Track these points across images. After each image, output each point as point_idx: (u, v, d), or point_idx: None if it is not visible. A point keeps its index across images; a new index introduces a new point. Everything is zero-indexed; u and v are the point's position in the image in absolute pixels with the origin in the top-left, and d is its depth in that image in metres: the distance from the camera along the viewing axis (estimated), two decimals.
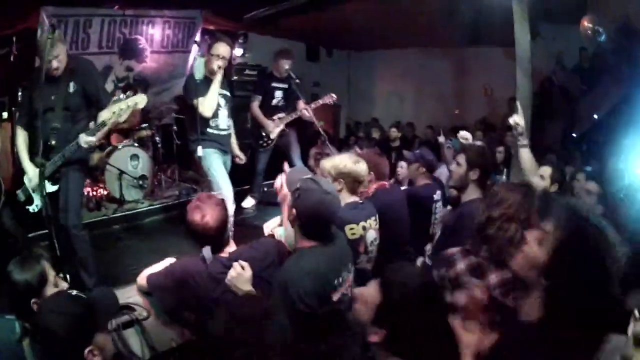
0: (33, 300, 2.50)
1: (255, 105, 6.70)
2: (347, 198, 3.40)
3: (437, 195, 4.86)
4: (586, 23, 6.67)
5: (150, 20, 8.31)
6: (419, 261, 4.01)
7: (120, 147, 7.04)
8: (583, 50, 7.77)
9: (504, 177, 5.85)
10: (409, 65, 10.11)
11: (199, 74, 4.83)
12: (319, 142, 8.41)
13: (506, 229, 2.37)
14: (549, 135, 7.98)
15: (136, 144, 7.31)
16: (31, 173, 4.19)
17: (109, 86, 8.00)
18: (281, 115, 6.70)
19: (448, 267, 2.50)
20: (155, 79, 8.60)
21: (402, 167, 5.94)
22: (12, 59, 6.86)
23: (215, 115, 5.19)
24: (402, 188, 5.16)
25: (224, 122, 5.34)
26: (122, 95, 4.02)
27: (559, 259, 1.64)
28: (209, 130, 5.15)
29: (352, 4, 7.38)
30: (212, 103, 5.06)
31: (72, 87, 4.16)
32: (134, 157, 7.11)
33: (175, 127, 7.92)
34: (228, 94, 5.44)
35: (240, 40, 9.64)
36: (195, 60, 4.76)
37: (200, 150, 4.92)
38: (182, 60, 8.87)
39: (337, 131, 11.06)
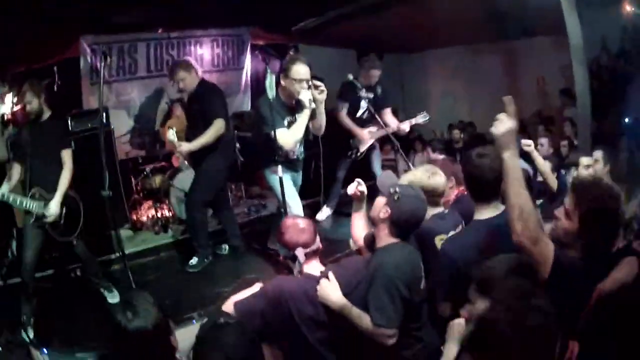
0: None
1: (344, 114, 6.44)
2: (429, 211, 3.27)
3: None
4: (627, 5, 6.43)
5: (197, 41, 8.29)
6: None
7: (183, 168, 6.87)
8: (626, 33, 7.52)
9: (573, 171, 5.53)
10: (459, 63, 9.88)
11: (271, 92, 4.53)
12: (387, 149, 8.47)
13: None
14: (610, 121, 7.71)
15: None
16: None
17: (163, 107, 8.07)
18: (373, 129, 6.47)
19: None
20: None
21: None
22: (55, 88, 6.93)
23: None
24: None
25: (299, 149, 5.16)
26: None
27: (584, 224, 2.31)
28: (277, 158, 4.65)
29: (398, 7, 7.21)
30: (297, 137, 4.83)
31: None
32: None
33: (238, 145, 7.73)
34: None
35: (291, 53, 9.44)
36: (266, 78, 4.50)
37: (278, 171, 4.61)
38: (236, 78, 8.82)
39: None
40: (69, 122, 6.35)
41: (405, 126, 6.24)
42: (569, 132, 7.17)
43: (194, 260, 5.71)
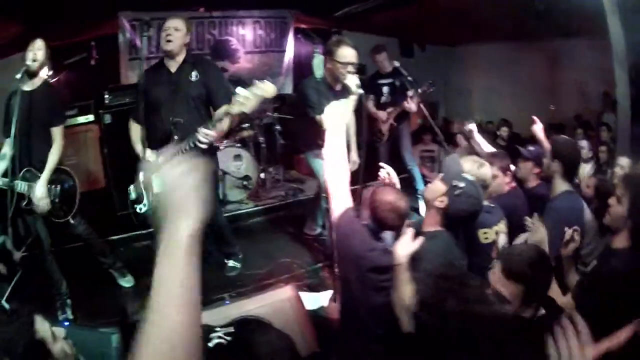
0: None
1: (370, 104, 6.42)
2: None
3: None
4: None
5: (239, 21, 8.25)
6: None
7: (222, 147, 6.75)
8: None
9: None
10: (501, 59, 9.68)
11: (319, 72, 4.43)
12: (427, 140, 8.31)
13: None
14: None
15: (238, 144, 7.03)
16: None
17: None
18: (390, 109, 6.49)
19: None
20: (250, 79, 8.33)
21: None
22: (92, 63, 6.96)
23: None
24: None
25: None
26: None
27: (633, 208, 2.67)
28: (320, 142, 4.53)
29: None
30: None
31: (193, 77, 4.17)
32: (237, 157, 6.83)
33: (278, 127, 7.65)
34: None
35: (334, 39, 9.29)
36: (314, 57, 4.40)
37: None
38: (278, 60, 8.72)
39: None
40: (107, 95, 6.42)
41: (412, 105, 6.15)
42: (605, 138, 6.99)
43: (233, 263, 5.28)
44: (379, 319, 2.69)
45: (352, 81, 4.17)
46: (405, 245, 2.59)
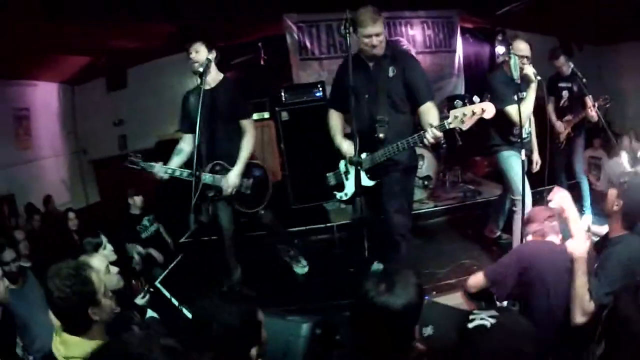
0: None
1: (550, 107, 6.13)
2: None
3: None
4: None
5: (407, 22, 8.25)
6: None
7: None
8: None
9: None
10: None
11: (516, 74, 4.20)
12: (596, 145, 7.80)
13: None
14: None
15: (420, 144, 6.78)
16: (347, 150, 4.09)
17: None
18: (569, 117, 6.08)
19: None
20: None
21: None
22: (262, 62, 7.32)
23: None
24: None
25: (526, 128, 4.86)
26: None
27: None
28: (511, 137, 4.77)
29: None
30: (528, 112, 4.65)
31: (390, 72, 3.99)
32: (420, 156, 6.57)
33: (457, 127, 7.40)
34: None
35: (499, 37, 9.10)
36: (510, 58, 4.36)
37: (511, 154, 4.74)
38: (449, 60, 8.58)
39: None
40: (282, 94, 6.68)
41: (593, 112, 5.72)
42: None
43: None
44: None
45: (530, 70, 4.46)
46: (579, 243, 2.77)
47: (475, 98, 3.66)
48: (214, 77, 4.34)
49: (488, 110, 3.53)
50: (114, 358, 0.86)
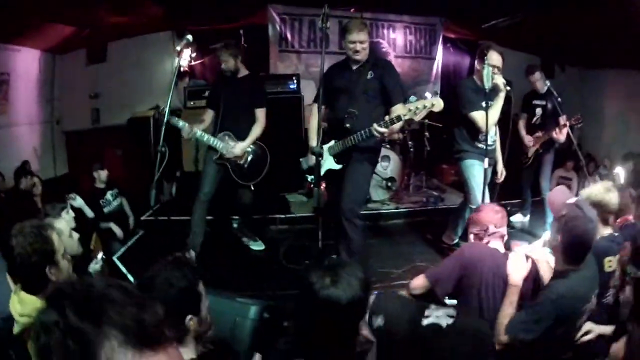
0: None
1: (521, 123, 6.40)
2: (600, 230, 3.29)
3: None
4: None
5: (390, 25, 8.31)
6: None
7: None
8: None
9: None
10: (635, 87, 8.92)
11: (487, 84, 4.50)
12: (568, 166, 7.95)
13: None
14: None
15: (387, 145, 6.99)
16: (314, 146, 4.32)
17: None
18: (538, 134, 6.25)
19: None
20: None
21: None
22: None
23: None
24: None
25: (492, 136, 5.06)
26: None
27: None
28: (477, 143, 4.96)
29: (593, 17, 6.67)
30: (494, 119, 4.82)
31: (369, 75, 4.32)
32: (385, 158, 6.88)
33: (427, 134, 7.56)
34: None
35: (485, 43, 9.14)
36: (484, 68, 4.52)
37: (473, 162, 4.90)
38: (427, 67, 8.69)
39: None
40: None
41: (559, 135, 5.94)
42: None
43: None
44: None
45: (500, 80, 4.66)
46: (519, 268, 2.86)
47: (427, 94, 3.88)
48: (242, 71, 5.18)
49: (437, 104, 3.74)
50: (76, 294, 0.89)
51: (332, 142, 4.35)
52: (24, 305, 2.21)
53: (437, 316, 1.86)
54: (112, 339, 0.83)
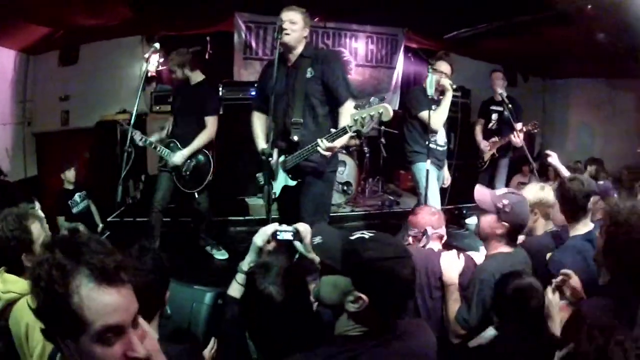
0: None
1: (478, 128, 6.77)
2: (545, 225, 3.65)
3: None
4: None
5: (352, 34, 8.49)
6: None
7: None
8: None
9: None
10: (599, 96, 9.24)
11: (430, 90, 4.90)
12: (526, 171, 8.13)
13: None
14: None
15: (343, 151, 7.13)
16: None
17: None
18: (494, 139, 6.58)
19: None
20: (359, 92, 8.41)
21: None
22: (207, 57, 7.52)
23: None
24: None
25: (442, 138, 5.48)
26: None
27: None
28: (427, 143, 5.09)
29: (552, 29, 6.95)
30: (442, 117, 5.24)
31: (309, 73, 3.96)
32: (341, 163, 6.96)
33: (383, 140, 7.74)
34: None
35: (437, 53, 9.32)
36: (428, 76, 4.88)
37: (426, 164, 5.00)
38: (387, 76, 8.86)
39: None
40: (221, 89, 6.91)
41: (517, 139, 6.17)
42: None
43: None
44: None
45: (447, 82, 5.14)
46: (452, 266, 2.99)
47: (373, 99, 3.90)
48: (195, 78, 5.32)
49: (385, 113, 3.41)
50: (65, 240, 1.23)
51: (282, 158, 4.02)
52: (6, 284, 2.40)
53: (362, 233, 1.92)
54: (82, 273, 1.18)
